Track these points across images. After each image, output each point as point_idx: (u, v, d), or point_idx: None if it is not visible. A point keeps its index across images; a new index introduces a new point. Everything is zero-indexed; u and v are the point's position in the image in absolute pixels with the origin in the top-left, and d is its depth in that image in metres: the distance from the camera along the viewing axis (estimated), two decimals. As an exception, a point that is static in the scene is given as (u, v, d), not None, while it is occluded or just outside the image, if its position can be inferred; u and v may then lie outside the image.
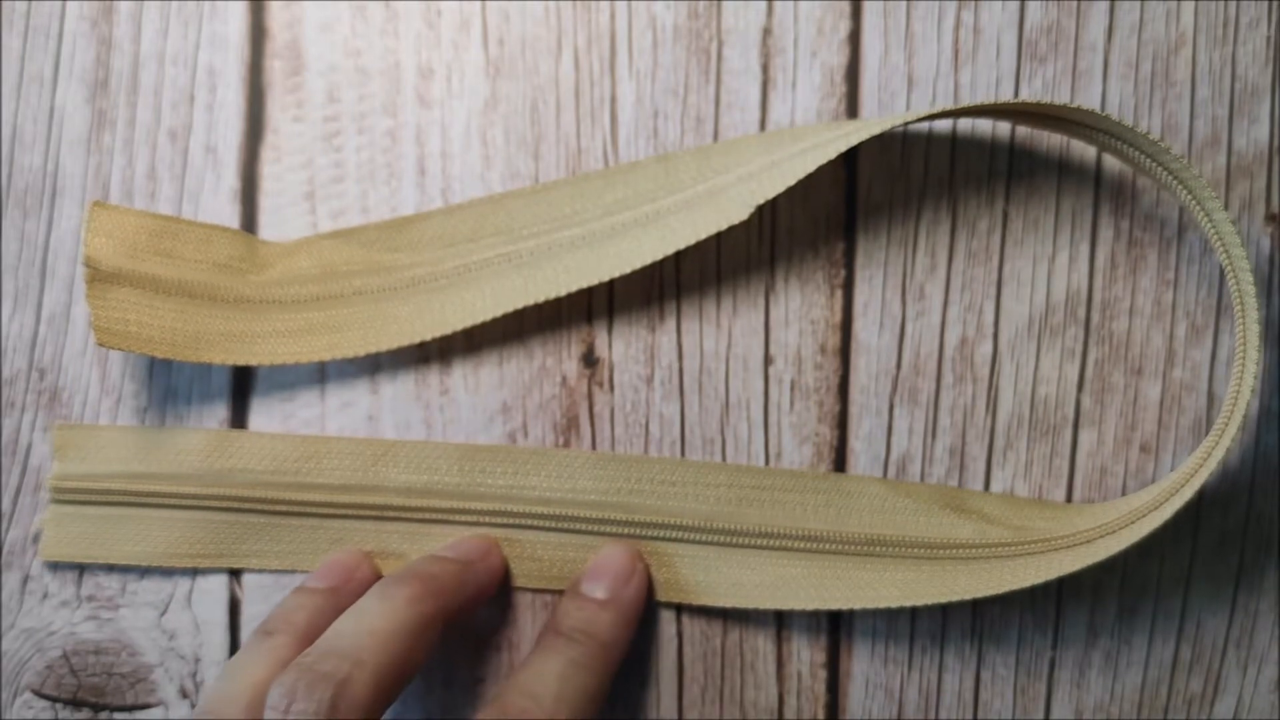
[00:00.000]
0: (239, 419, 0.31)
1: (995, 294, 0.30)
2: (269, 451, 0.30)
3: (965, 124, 0.30)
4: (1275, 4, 0.29)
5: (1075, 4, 0.30)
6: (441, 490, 0.30)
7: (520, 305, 0.29)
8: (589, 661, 0.28)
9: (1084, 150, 0.30)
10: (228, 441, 0.30)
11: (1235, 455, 0.30)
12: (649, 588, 0.30)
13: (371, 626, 0.25)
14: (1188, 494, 0.27)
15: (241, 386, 0.31)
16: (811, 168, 0.27)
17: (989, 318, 0.30)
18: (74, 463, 0.30)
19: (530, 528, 0.30)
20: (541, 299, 0.29)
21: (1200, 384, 0.30)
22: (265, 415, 0.31)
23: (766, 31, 0.30)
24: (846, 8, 0.30)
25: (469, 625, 0.31)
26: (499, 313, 0.29)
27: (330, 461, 0.30)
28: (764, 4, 0.30)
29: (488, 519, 0.30)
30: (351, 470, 0.30)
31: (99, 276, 0.28)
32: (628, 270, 0.28)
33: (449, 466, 0.30)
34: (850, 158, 0.30)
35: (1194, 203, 0.27)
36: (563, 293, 0.29)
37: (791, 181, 0.27)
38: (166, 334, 0.29)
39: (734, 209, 0.28)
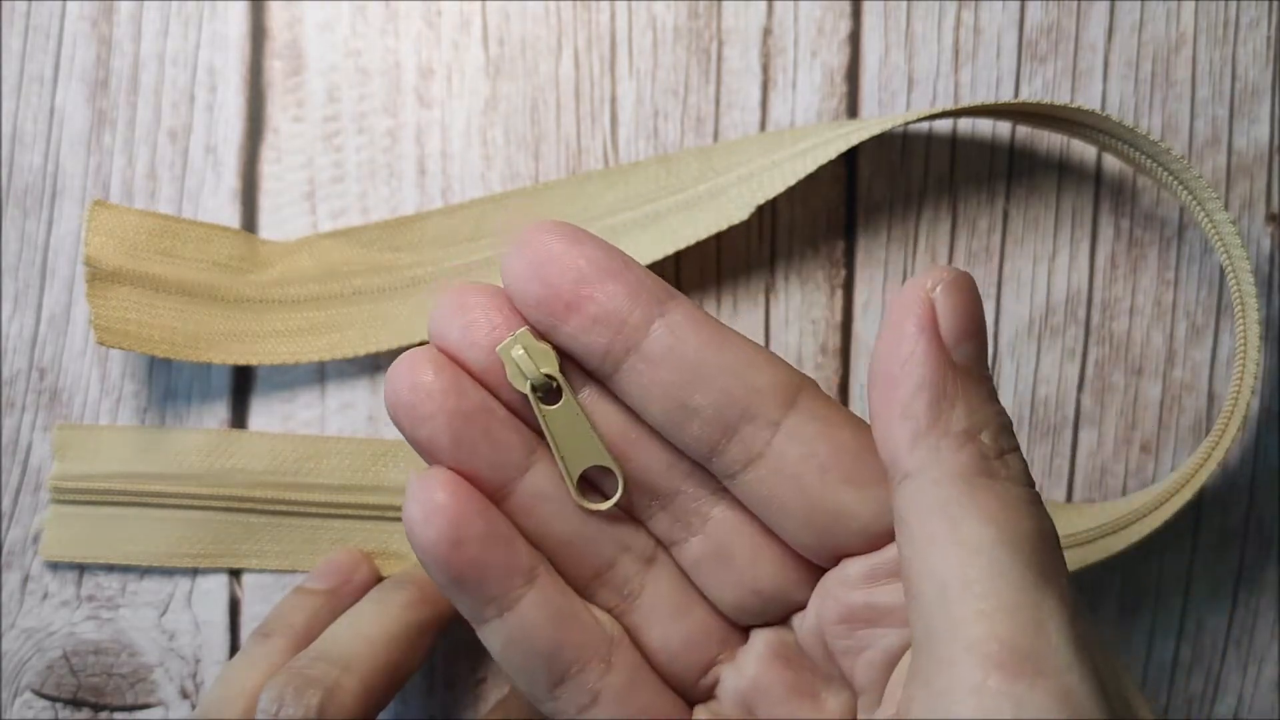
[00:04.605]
0: (239, 419, 0.31)
1: (995, 294, 0.30)
2: (269, 451, 0.30)
3: (965, 124, 0.30)
4: (1275, 4, 0.30)
5: (1075, 4, 0.30)
6: (441, 490, 0.30)
7: (520, 305, 0.29)
8: None
9: (1084, 150, 0.30)
10: (228, 441, 0.30)
11: (1235, 455, 0.30)
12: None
13: (364, 632, 0.25)
14: (1188, 494, 0.27)
15: (241, 386, 0.31)
16: (812, 168, 0.27)
17: (989, 318, 0.30)
18: (74, 463, 0.30)
19: (530, 528, 0.30)
20: (541, 299, 0.29)
21: (1200, 384, 0.30)
22: (265, 415, 0.31)
23: (766, 31, 0.30)
24: (846, 8, 0.30)
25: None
26: (499, 313, 0.29)
27: (330, 461, 0.30)
28: (764, 4, 0.30)
29: (488, 519, 0.30)
30: (351, 470, 0.30)
31: (99, 275, 0.28)
32: (628, 270, 0.28)
33: (449, 466, 0.30)
34: (850, 157, 0.30)
35: (1194, 203, 0.27)
36: (563, 293, 0.28)
37: (792, 181, 0.27)
38: (166, 334, 0.29)
39: (734, 209, 0.28)
